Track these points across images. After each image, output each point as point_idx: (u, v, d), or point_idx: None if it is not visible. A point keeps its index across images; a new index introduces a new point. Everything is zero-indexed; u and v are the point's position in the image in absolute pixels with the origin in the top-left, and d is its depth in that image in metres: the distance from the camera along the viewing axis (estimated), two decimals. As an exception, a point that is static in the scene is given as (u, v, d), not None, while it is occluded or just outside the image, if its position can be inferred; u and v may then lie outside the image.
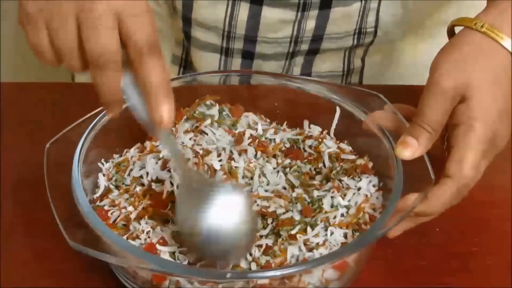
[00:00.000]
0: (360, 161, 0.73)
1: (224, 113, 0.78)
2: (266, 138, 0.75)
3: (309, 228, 0.66)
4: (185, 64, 0.99)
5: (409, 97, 0.74)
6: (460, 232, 0.74)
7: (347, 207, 0.68)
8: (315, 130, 0.78)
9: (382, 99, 0.74)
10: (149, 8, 0.59)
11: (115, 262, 0.61)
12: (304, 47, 0.93)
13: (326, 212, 0.68)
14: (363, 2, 0.90)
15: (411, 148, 0.67)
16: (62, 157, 0.67)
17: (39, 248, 0.71)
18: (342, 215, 0.68)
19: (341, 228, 0.66)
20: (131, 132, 0.75)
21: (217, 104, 0.78)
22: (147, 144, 0.74)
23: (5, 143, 0.82)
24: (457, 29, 0.73)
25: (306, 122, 0.79)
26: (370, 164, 0.73)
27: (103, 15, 0.56)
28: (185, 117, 0.77)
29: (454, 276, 0.70)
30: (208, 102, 0.78)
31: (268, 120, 0.80)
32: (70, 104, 0.87)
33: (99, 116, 0.71)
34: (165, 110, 0.58)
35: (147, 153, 0.72)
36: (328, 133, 0.77)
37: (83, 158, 0.68)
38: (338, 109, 0.76)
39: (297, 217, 0.67)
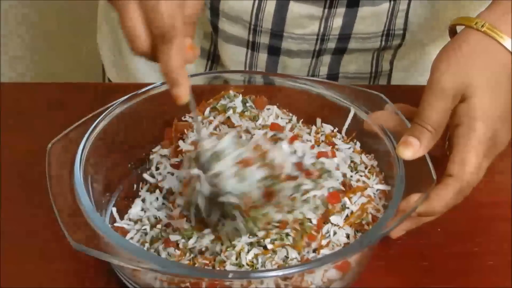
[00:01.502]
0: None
1: (247, 104, 0.78)
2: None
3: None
4: (213, 58, 0.98)
5: (410, 97, 0.74)
6: (462, 233, 0.74)
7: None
8: (327, 128, 0.78)
9: (384, 99, 0.74)
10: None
11: (116, 262, 0.61)
12: (331, 45, 0.93)
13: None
14: (392, 2, 0.89)
15: (412, 148, 0.67)
16: (64, 157, 0.67)
17: (40, 248, 0.71)
18: (346, 215, 0.68)
19: (343, 228, 0.66)
20: (133, 132, 0.76)
21: (240, 95, 0.79)
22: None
23: (5, 143, 0.82)
24: (459, 29, 0.73)
25: (319, 120, 0.79)
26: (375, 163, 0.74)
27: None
28: (208, 108, 0.78)
29: (455, 276, 0.70)
30: (232, 93, 0.79)
31: (290, 114, 0.80)
32: (71, 105, 0.87)
33: (101, 116, 0.71)
34: (179, 90, 0.63)
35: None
36: (339, 132, 0.78)
37: (85, 158, 0.68)
38: (352, 109, 0.76)
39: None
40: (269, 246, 0.64)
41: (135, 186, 0.74)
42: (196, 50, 0.64)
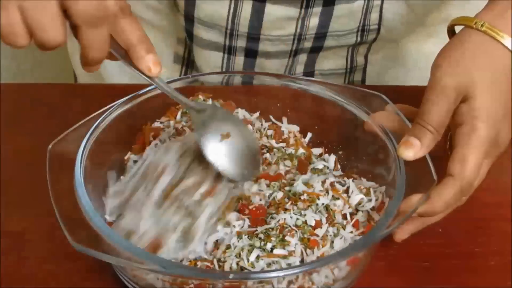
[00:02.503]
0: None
1: None
2: None
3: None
4: (188, 63, 0.98)
5: (411, 98, 0.74)
6: (463, 233, 0.74)
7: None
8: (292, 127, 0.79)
9: (384, 100, 0.74)
10: None
11: (117, 262, 0.61)
12: (308, 44, 0.93)
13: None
14: None
15: (413, 149, 0.67)
16: (65, 158, 0.67)
17: (40, 248, 0.71)
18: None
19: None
20: (133, 132, 0.75)
21: (210, 100, 0.78)
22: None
23: (5, 143, 0.82)
24: (457, 28, 0.73)
25: (285, 119, 0.79)
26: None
27: None
28: (180, 112, 0.77)
29: (456, 276, 0.70)
30: (201, 98, 0.78)
31: (263, 119, 0.79)
32: (72, 105, 0.87)
33: (102, 117, 0.71)
34: (149, 59, 0.63)
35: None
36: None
37: (86, 159, 0.68)
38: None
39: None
40: (277, 251, 0.65)
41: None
42: (160, 66, 0.63)
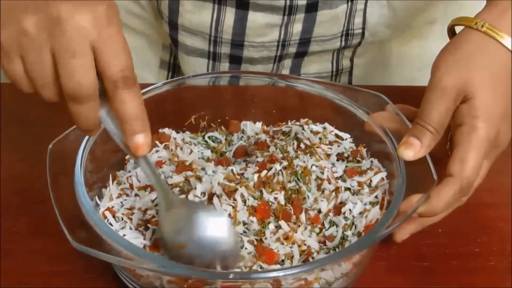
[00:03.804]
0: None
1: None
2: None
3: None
4: (173, 68, 0.99)
5: (411, 98, 0.74)
6: (463, 233, 0.74)
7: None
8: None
9: (385, 100, 0.74)
10: (120, 26, 0.58)
11: (117, 262, 0.61)
12: (292, 50, 0.93)
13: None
14: (349, 3, 0.89)
15: (413, 149, 0.67)
16: (65, 157, 0.67)
17: (40, 248, 0.71)
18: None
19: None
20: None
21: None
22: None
23: (6, 143, 0.82)
24: (458, 29, 0.73)
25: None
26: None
27: (77, 44, 0.56)
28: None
29: (456, 276, 0.70)
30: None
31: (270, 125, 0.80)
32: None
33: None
34: (140, 139, 0.59)
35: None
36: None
37: (86, 159, 0.68)
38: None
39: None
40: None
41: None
42: (148, 149, 0.60)
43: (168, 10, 0.90)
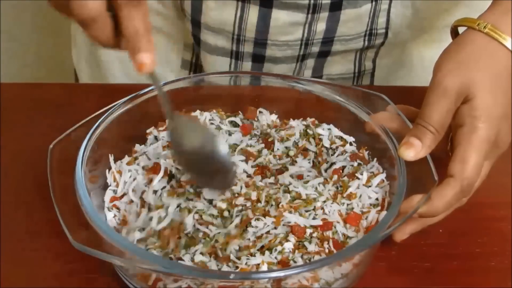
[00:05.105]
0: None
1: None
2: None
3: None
4: (195, 68, 0.98)
5: (412, 98, 0.74)
6: (463, 233, 0.74)
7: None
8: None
9: (386, 100, 0.74)
10: None
11: (118, 262, 0.61)
12: (315, 49, 0.93)
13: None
14: (373, 3, 0.89)
15: (414, 149, 0.67)
16: (66, 157, 0.67)
17: (40, 248, 0.71)
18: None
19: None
20: (134, 132, 0.76)
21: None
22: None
23: (6, 143, 0.82)
24: (461, 30, 0.73)
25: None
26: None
27: None
28: None
29: (457, 277, 0.70)
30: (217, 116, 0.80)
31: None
32: (73, 105, 0.87)
33: (103, 117, 0.71)
34: (144, 56, 0.59)
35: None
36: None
37: (87, 159, 0.68)
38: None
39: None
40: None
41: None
42: (153, 66, 0.61)
43: (191, 8, 0.90)
